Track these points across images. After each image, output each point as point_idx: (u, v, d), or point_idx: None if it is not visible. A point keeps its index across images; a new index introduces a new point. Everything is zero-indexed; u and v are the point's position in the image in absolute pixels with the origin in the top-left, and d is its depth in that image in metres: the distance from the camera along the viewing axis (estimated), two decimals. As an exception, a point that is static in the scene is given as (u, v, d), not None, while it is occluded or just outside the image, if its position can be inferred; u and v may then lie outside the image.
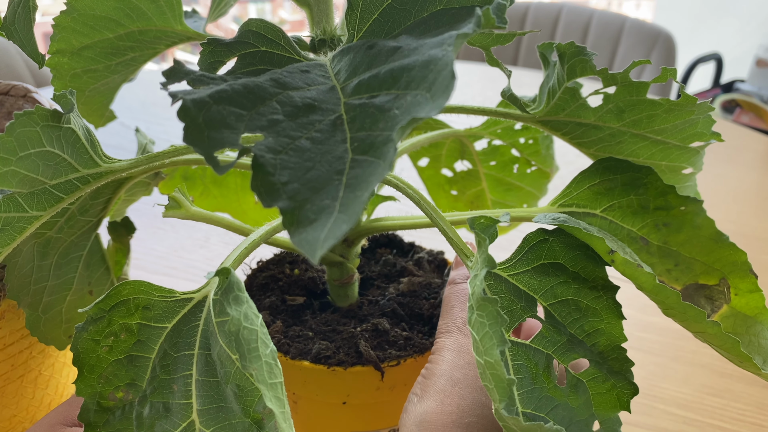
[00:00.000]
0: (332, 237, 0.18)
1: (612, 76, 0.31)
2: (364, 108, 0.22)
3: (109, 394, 0.28)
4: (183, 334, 0.29)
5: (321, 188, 0.19)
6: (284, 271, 0.46)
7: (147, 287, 0.30)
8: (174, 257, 0.73)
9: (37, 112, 0.29)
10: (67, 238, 0.38)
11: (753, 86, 1.99)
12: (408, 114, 0.20)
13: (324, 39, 0.32)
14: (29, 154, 0.29)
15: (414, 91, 0.21)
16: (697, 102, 0.32)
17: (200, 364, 0.29)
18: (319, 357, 0.37)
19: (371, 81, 0.23)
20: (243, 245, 0.33)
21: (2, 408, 0.44)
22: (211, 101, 0.22)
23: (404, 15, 0.27)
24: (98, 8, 0.38)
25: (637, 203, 0.32)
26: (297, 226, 0.18)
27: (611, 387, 0.29)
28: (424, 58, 0.22)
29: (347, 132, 0.21)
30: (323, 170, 0.20)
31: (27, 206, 0.30)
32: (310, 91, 0.24)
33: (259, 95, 0.23)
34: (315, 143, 0.21)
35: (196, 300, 0.30)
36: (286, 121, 0.22)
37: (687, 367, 0.58)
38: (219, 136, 0.21)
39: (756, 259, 0.69)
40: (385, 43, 0.25)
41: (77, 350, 0.29)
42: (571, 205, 0.34)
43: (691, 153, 0.35)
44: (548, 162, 0.50)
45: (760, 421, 0.52)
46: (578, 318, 0.30)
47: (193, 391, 0.28)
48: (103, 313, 0.29)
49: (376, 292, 0.44)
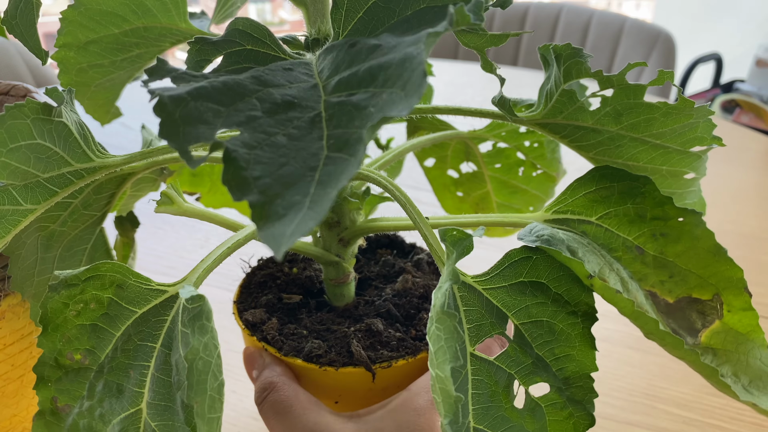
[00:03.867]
0: (298, 232, 0.18)
1: (608, 78, 0.31)
2: (342, 106, 0.22)
3: (67, 354, 0.30)
4: (149, 325, 0.30)
5: (293, 184, 0.19)
6: (283, 269, 0.46)
7: (124, 270, 0.31)
8: (174, 257, 0.73)
9: (27, 104, 0.29)
10: (71, 231, 0.38)
11: (753, 86, 1.99)
12: (381, 112, 0.20)
13: (318, 38, 0.33)
14: (20, 146, 0.29)
15: (390, 89, 0.21)
16: (694, 105, 0.31)
17: (159, 360, 0.30)
18: (310, 356, 0.37)
19: (350, 79, 0.23)
20: (223, 247, 0.34)
21: (2, 408, 0.44)
22: (188, 97, 0.22)
23: (388, 13, 0.27)
24: (104, 3, 0.39)
25: (634, 212, 0.32)
26: (265, 220, 0.19)
27: (569, 415, 0.28)
28: (400, 56, 0.22)
29: (324, 129, 0.21)
30: (297, 166, 0.20)
31: (21, 199, 0.30)
32: (291, 88, 0.24)
33: (238, 92, 0.23)
34: (291, 139, 0.21)
35: (169, 294, 0.31)
36: (263, 118, 0.22)
37: (687, 367, 0.58)
38: (194, 132, 0.21)
39: (756, 259, 0.69)
40: (366, 41, 0.25)
41: (46, 309, 0.30)
42: (566, 211, 0.34)
43: (693, 158, 0.34)
44: (554, 166, 0.50)
45: (759, 421, 0.52)
46: (550, 341, 0.29)
47: (147, 382, 0.29)
48: (79, 281, 0.30)
49: (373, 292, 0.44)
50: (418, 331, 0.40)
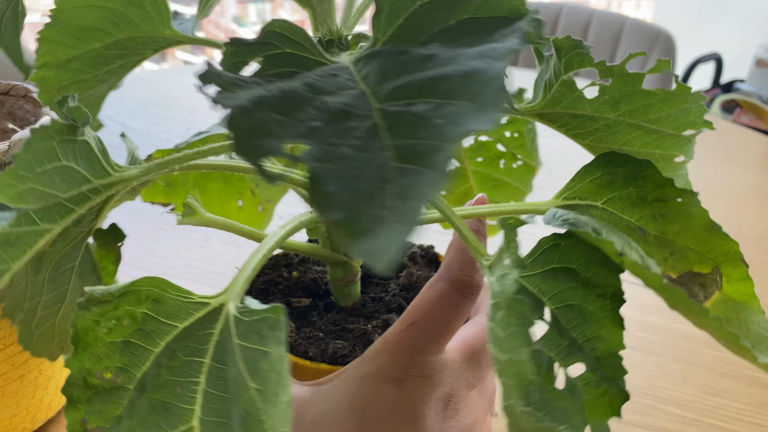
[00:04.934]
0: (395, 246, 0.17)
1: (609, 68, 0.32)
2: (401, 116, 0.21)
3: (97, 373, 0.29)
4: (194, 339, 0.29)
5: (370, 198, 0.19)
6: (282, 274, 0.46)
7: (164, 283, 0.30)
8: (174, 257, 0.73)
9: (53, 126, 0.28)
10: (60, 250, 0.36)
11: (753, 86, 1.99)
12: (454, 125, 0.20)
13: (332, 39, 0.32)
14: (46, 170, 0.28)
15: (456, 101, 0.21)
16: (691, 91, 0.33)
17: (211, 376, 0.28)
18: (335, 357, 0.37)
19: (407, 88, 0.22)
20: (257, 256, 0.32)
21: (2, 408, 0.44)
22: (252, 107, 0.21)
23: (431, 21, 0.27)
24: (84, 18, 0.37)
25: (636, 195, 0.33)
26: (354, 237, 0.18)
27: (603, 392, 0.29)
28: (464, 69, 0.22)
29: (385, 140, 0.21)
30: (369, 179, 0.19)
31: (38, 219, 0.29)
32: (341, 96, 0.23)
33: (296, 100, 0.22)
34: (356, 150, 0.20)
35: (212, 306, 0.29)
36: (325, 128, 0.21)
37: (687, 367, 0.58)
38: (264, 144, 0.20)
39: (756, 259, 0.69)
40: (417, 50, 0.24)
41: (76, 328, 0.29)
42: (574, 197, 0.35)
43: (684, 141, 0.36)
44: (533, 155, 0.50)
45: (760, 421, 0.52)
46: (581, 323, 0.30)
47: (198, 398, 0.28)
48: (113, 297, 0.29)
49: (376, 289, 0.44)
50: None
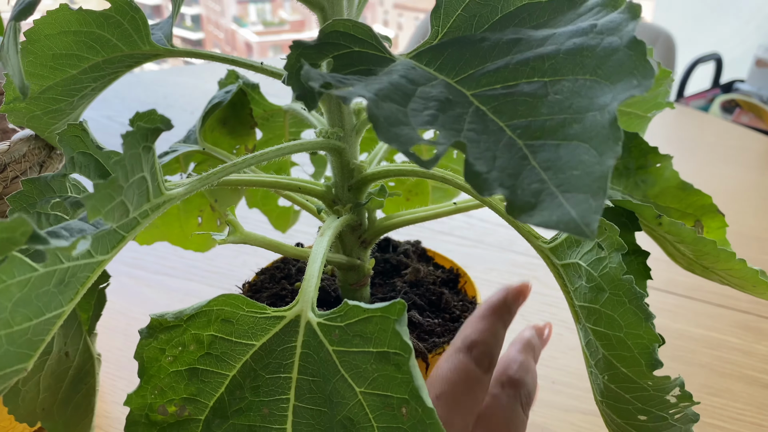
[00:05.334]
0: (598, 208, 0.18)
1: None
2: (508, 97, 0.22)
3: (159, 407, 0.27)
4: (275, 355, 0.27)
5: (518, 173, 0.19)
6: (285, 287, 0.45)
7: (238, 300, 0.28)
8: (174, 257, 0.73)
9: (138, 130, 0.24)
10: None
11: (753, 86, 1.99)
12: (581, 97, 0.20)
13: None
14: (132, 182, 0.24)
15: (572, 77, 0.21)
16: (671, 75, 0.36)
17: (301, 390, 0.27)
18: None
19: (500, 72, 0.23)
20: (316, 264, 0.31)
21: (2, 408, 0.44)
22: (377, 98, 0.21)
23: (489, 9, 0.27)
24: (57, 46, 0.35)
25: (623, 166, 0.35)
26: (522, 211, 0.18)
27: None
28: (567, 47, 0.22)
29: (498, 121, 0.21)
30: (506, 157, 0.20)
31: (92, 250, 0.26)
32: (435, 86, 0.23)
33: (405, 92, 0.22)
34: (478, 134, 0.21)
35: (288, 319, 0.28)
36: (441, 116, 0.22)
37: (687, 367, 0.58)
38: (402, 132, 0.20)
39: (756, 259, 0.69)
40: (497, 36, 0.25)
41: (141, 359, 0.27)
42: None
43: (646, 121, 0.39)
44: None
45: (759, 421, 0.52)
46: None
47: (288, 417, 0.27)
48: (181, 322, 0.27)
49: (382, 289, 0.45)
50: (450, 314, 0.41)
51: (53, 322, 0.25)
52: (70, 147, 0.29)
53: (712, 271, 0.33)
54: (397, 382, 0.25)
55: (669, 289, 0.69)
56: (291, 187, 0.38)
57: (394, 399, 0.25)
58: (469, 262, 0.73)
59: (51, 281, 0.24)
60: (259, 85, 0.49)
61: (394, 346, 0.25)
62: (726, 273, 0.32)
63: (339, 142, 0.36)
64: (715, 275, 0.34)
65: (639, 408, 0.29)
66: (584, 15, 0.25)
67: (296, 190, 0.38)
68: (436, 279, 0.45)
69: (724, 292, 0.68)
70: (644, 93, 0.20)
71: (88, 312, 0.37)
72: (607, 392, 0.30)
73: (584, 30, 0.23)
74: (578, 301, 0.30)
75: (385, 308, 0.25)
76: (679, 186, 0.34)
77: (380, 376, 0.25)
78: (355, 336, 0.26)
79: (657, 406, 0.29)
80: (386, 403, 0.25)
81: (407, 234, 0.55)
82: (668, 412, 0.29)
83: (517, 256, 0.75)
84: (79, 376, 0.36)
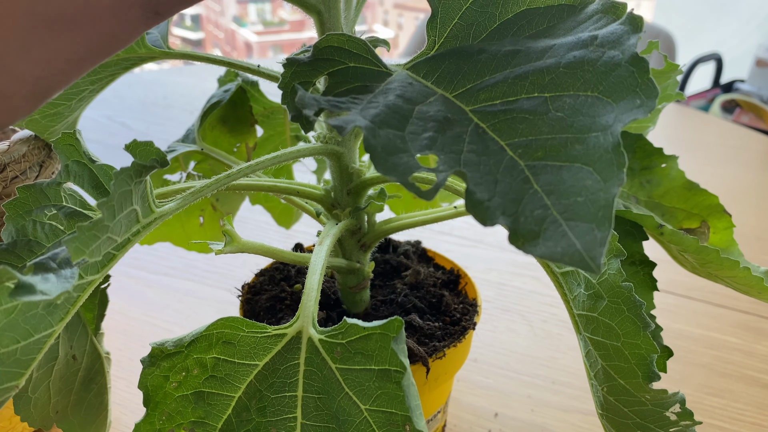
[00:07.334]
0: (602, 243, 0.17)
1: None
2: (507, 114, 0.21)
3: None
4: (279, 374, 0.27)
5: (520, 198, 0.18)
6: (284, 288, 0.45)
7: (237, 323, 0.28)
8: (174, 257, 0.73)
9: (132, 168, 0.25)
10: None
11: (753, 86, 1.99)
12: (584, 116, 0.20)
13: None
14: (121, 217, 0.25)
15: (573, 92, 0.20)
16: (678, 68, 0.35)
17: (308, 408, 0.27)
18: None
19: (499, 86, 0.22)
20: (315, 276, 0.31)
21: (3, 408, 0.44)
22: (374, 126, 0.21)
23: (488, 17, 0.26)
24: None
25: (628, 166, 0.35)
26: (527, 241, 0.18)
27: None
28: (567, 60, 0.21)
29: (499, 140, 0.20)
30: (508, 181, 0.19)
31: (82, 272, 0.26)
32: (432, 104, 0.23)
33: (401, 114, 0.22)
34: (478, 155, 0.20)
35: (290, 336, 0.28)
36: (440, 137, 0.21)
37: (687, 367, 0.58)
38: (400, 161, 0.20)
39: (756, 259, 0.69)
40: (496, 47, 0.24)
41: (146, 388, 0.27)
42: None
43: (656, 112, 0.39)
44: None
45: (760, 421, 0.52)
46: None
47: None
48: (182, 348, 0.27)
49: (381, 291, 0.44)
50: (451, 317, 0.41)
51: (43, 341, 0.25)
52: (65, 155, 0.30)
53: (717, 276, 0.33)
54: (399, 400, 0.25)
55: (669, 289, 0.69)
56: (290, 191, 0.38)
57: (398, 416, 0.25)
58: (469, 262, 0.73)
59: (39, 305, 0.24)
60: (259, 83, 0.49)
61: (394, 364, 0.25)
62: (731, 280, 0.32)
63: (337, 146, 0.36)
64: (720, 280, 0.34)
65: (638, 423, 0.29)
66: (584, 23, 0.24)
67: (295, 194, 0.38)
68: (436, 281, 0.45)
69: (724, 292, 0.68)
70: (647, 115, 0.19)
71: (92, 312, 0.37)
72: (607, 405, 0.30)
73: (585, 42, 0.22)
74: (577, 310, 0.29)
75: (383, 326, 0.25)
76: (686, 185, 0.34)
77: (383, 394, 0.25)
78: (356, 353, 0.26)
79: (656, 422, 0.28)
80: (391, 420, 0.25)
81: (407, 234, 0.55)
82: (668, 430, 0.28)
83: (517, 256, 0.75)
84: (89, 376, 0.37)
